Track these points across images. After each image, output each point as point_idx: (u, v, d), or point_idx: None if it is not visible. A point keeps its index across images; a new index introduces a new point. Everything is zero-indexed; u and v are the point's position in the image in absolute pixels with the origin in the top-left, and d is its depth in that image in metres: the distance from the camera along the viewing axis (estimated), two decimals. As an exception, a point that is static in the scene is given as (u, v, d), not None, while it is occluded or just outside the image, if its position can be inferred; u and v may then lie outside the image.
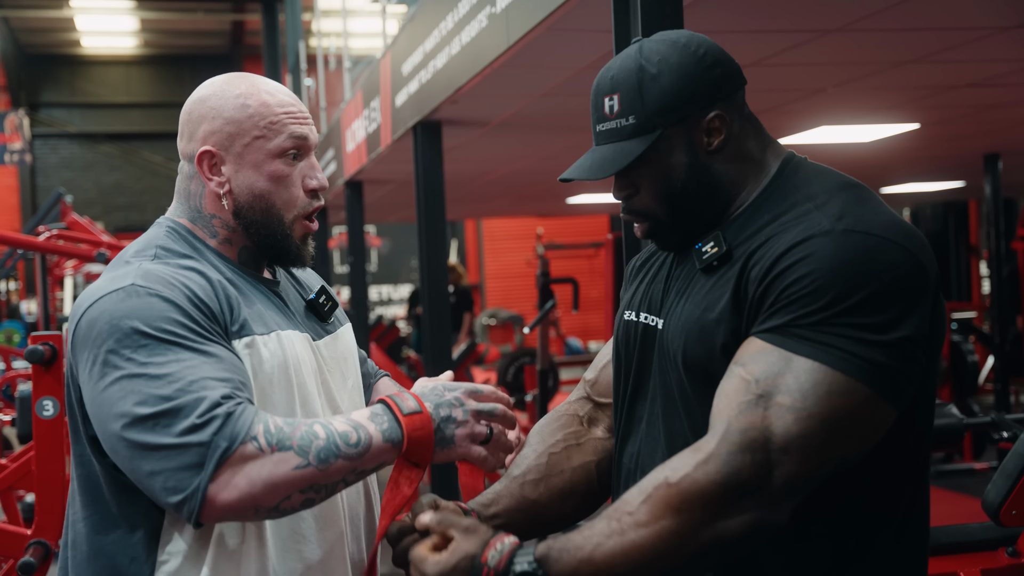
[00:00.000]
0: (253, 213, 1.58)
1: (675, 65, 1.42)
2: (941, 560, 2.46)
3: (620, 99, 1.44)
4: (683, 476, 1.25)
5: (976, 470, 7.08)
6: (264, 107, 1.58)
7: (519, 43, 3.38)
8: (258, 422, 1.35)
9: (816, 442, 1.24)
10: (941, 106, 5.35)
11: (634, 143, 1.43)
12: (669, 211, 1.46)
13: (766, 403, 1.25)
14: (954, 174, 9.02)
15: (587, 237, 18.09)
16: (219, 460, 1.31)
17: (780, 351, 1.27)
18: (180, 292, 1.44)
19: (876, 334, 1.26)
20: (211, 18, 17.14)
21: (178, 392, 1.34)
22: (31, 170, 18.22)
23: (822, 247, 1.29)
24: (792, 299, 1.29)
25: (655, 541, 1.24)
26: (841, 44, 3.78)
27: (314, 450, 1.35)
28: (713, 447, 1.26)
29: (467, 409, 1.45)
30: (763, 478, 1.24)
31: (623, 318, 1.60)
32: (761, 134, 1.49)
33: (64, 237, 6.46)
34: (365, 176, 7.13)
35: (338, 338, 1.73)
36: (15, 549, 2.98)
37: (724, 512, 1.24)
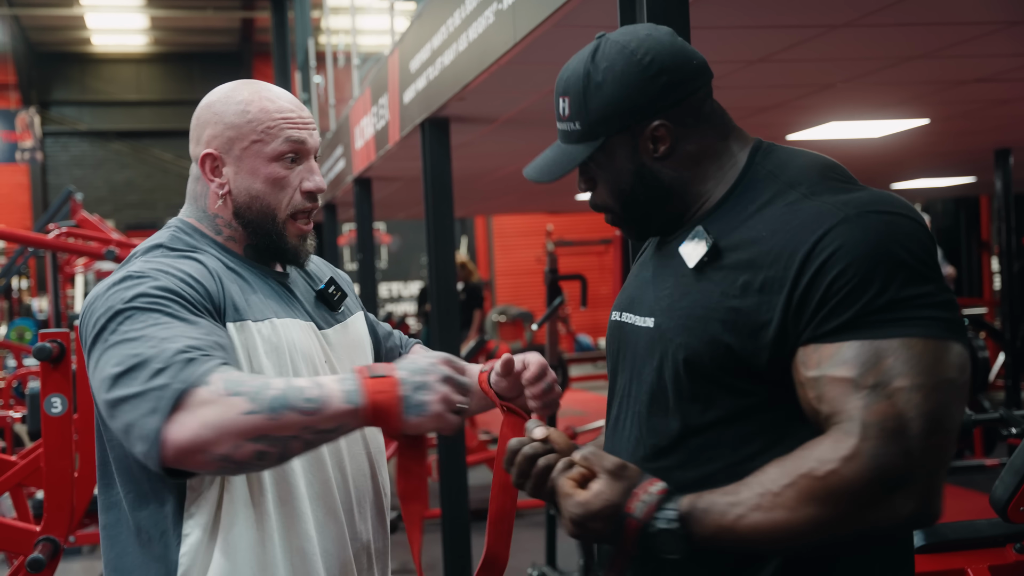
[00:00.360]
0: (250, 214, 1.66)
1: (619, 74, 1.42)
2: (949, 556, 2.46)
3: (569, 103, 1.46)
4: (829, 472, 1.23)
5: (986, 466, 7.07)
6: (263, 112, 1.64)
7: (526, 39, 3.37)
8: (218, 369, 1.37)
9: (948, 411, 1.25)
10: (951, 101, 5.33)
11: (580, 148, 1.46)
12: (622, 209, 1.50)
13: (884, 392, 1.24)
14: (965, 169, 8.98)
15: (597, 234, 18.08)
16: (173, 401, 1.33)
17: (862, 343, 1.26)
18: (173, 277, 1.51)
19: (933, 296, 1.28)
20: (221, 16, 17.19)
21: (149, 348, 1.38)
22: (42, 168, 18.29)
23: (848, 235, 1.29)
24: (843, 294, 1.28)
25: (801, 526, 1.25)
26: (850, 39, 3.76)
27: (266, 398, 1.35)
28: (856, 443, 1.23)
29: (443, 375, 1.43)
30: (912, 468, 1.23)
31: (610, 318, 1.62)
32: (723, 128, 1.48)
33: (74, 235, 6.48)
34: (374, 173, 7.14)
35: (348, 327, 1.79)
36: (24, 545, 3.00)
37: (873, 507, 1.23)
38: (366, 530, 1.71)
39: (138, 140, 19.00)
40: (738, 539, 1.27)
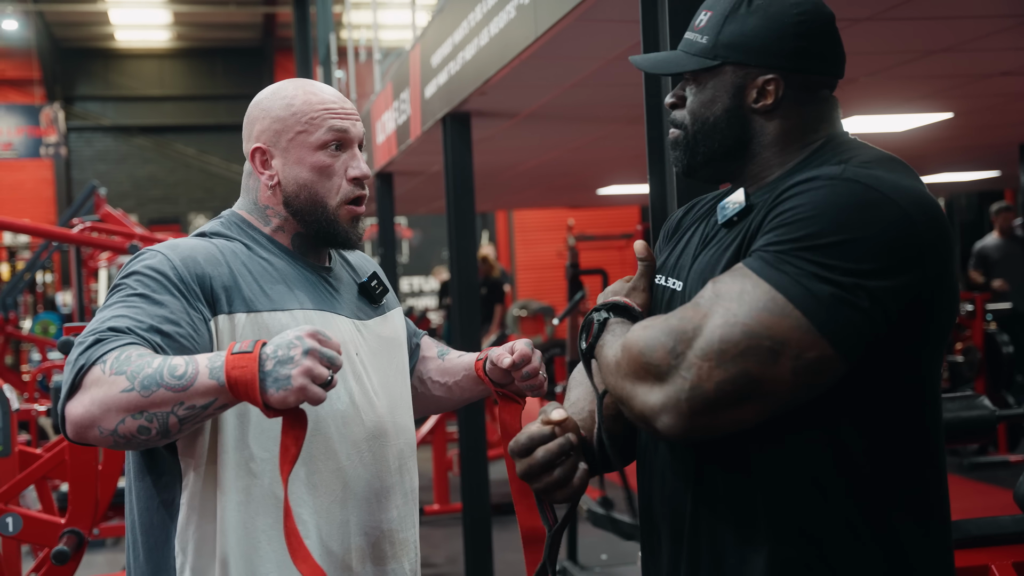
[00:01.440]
0: (300, 202, 1.73)
1: (770, 15, 1.42)
2: (972, 552, 2.44)
3: (709, 18, 1.47)
4: (634, 330, 1.36)
5: (1011, 462, 7.02)
6: (306, 104, 1.72)
7: (547, 34, 3.37)
8: (116, 350, 1.45)
9: (734, 350, 1.25)
10: (975, 95, 5.29)
11: (695, 60, 1.47)
12: (695, 134, 1.49)
13: (711, 306, 1.29)
14: (989, 163, 8.91)
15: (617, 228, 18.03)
16: (74, 379, 1.45)
17: (743, 270, 1.30)
18: (180, 254, 1.62)
19: (834, 274, 1.25)
20: (243, 11, 17.24)
21: (98, 323, 1.50)
22: (66, 163, 18.41)
23: (819, 187, 1.30)
24: (772, 227, 1.32)
25: (611, 362, 1.39)
26: (872, 33, 3.74)
27: (141, 377, 1.42)
28: (658, 322, 1.34)
29: (307, 348, 1.40)
30: (671, 371, 1.28)
31: (654, 282, 1.61)
32: (823, 119, 1.47)
33: (98, 229, 6.53)
34: (395, 168, 7.15)
35: (387, 320, 1.86)
36: (49, 537, 3.03)
37: (636, 379, 1.33)
38: (388, 519, 1.75)
39: (161, 135, 19.10)
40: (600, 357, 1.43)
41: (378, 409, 1.75)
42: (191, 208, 19.04)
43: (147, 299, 1.55)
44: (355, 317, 1.77)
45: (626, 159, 7.43)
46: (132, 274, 1.60)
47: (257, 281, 1.66)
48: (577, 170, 8.13)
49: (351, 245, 1.78)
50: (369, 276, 1.85)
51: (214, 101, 18.60)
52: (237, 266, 1.66)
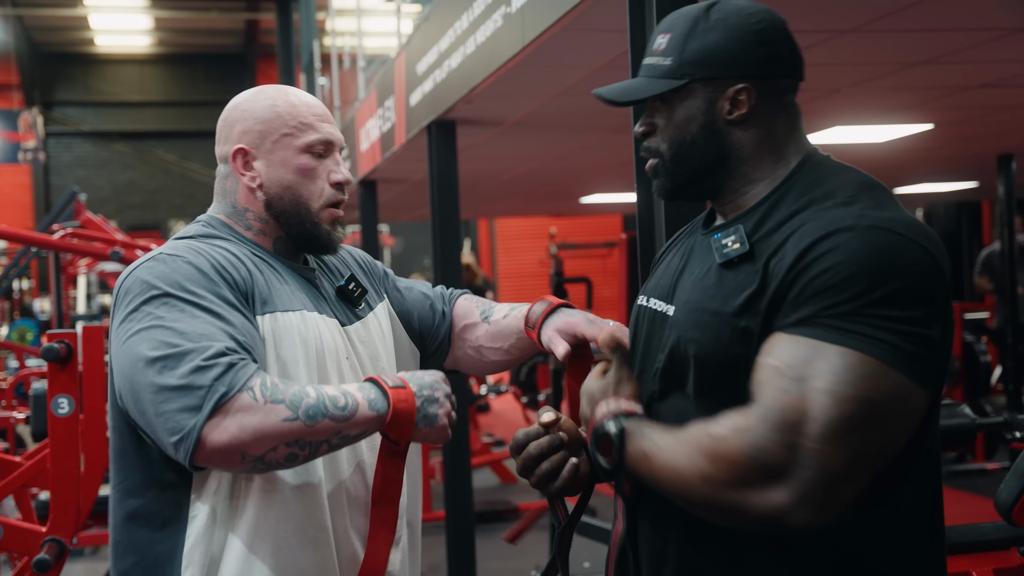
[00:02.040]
0: (283, 204, 1.72)
1: (730, 27, 1.45)
2: (953, 559, 2.46)
3: (669, 39, 1.48)
4: (721, 436, 1.30)
5: (988, 470, 7.07)
6: (292, 107, 1.73)
7: (534, 43, 3.38)
8: (256, 375, 1.47)
9: (855, 425, 1.24)
10: (955, 107, 5.33)
11: (662, 82, 1.47)
12: (672, 157, 1.50)
13: (801, 387, 1.26)
14: (968, 174, 8.99)
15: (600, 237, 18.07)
16: (216, 404, 1.42)
17: (809, 341, 1.28)
18: (206, 260, 1.59)
19: (904, 325, 1.27)
20: (225, 17, 17.21)
21: (187, 340, 1.47)
22: (44, 168, 18.31)
23: (846, 241, 1.30)
24: (817, 291, 1.29)
25: (688, 476, 1.32)
26: (856, 45, 3.77)
27: (304, 406, 1.47)
28: (752, 420, 1.28)
29: (447, 392, 1.59)
30: (792, 466, 1.24)
31: (636, 303, 1.65)
32: (793, 128, 1.49)
33: (78, 235, 6.49)
34: (379, 175, 7.15)
35: (368, 323, 1.84)
36: (30, 546, 3.00)
37: (747, 484, 1.26)
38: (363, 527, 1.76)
39: (141, 141, 19.02)
40: (650, 471, 1.37)
41: None
42: (171, 215, 18.96)
43: (214, 312, 1.52)
44: (340, 320, 1.78)
45: (609, 168, 7.45)
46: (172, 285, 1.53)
47: (267, 281, 1.67)
48: (560, 178, 8.15)
49: (332, 248, 1.78)
50: (347, 279, 1.84)
51: (195, 107, 18.55)
52: (247, 266, 1.66)
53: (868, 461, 1.26)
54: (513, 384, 8.68)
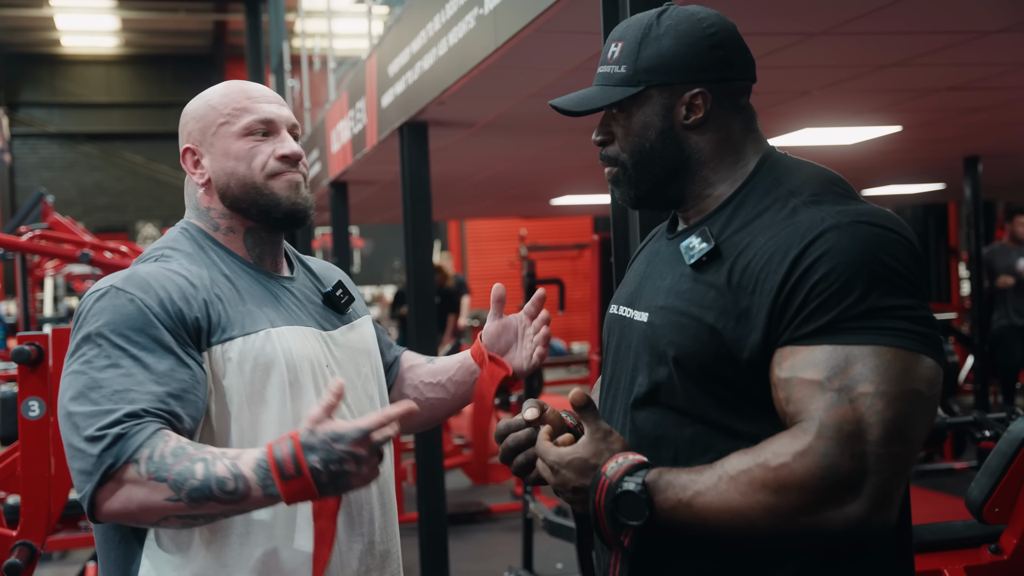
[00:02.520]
0: (232, 191, 1.71)
1: (681, 33, 1.46)
2: (925, 557, 2.49)
3: (622, 48, 1.50)
4: (781, 464, 1.27)
5: (956, 470, 7.14)
6: (225, 98, 1.73)
7: (507, 44, 3.38)
8: (145, 447, 1.46)
9: (910, 421, 1.27)
10: (923, 109, 5.39)
11: (617, 90, 1.49)
12: (633, 165, 1.52)
13: (848, 395, 1.27)
14: (935, 176, 9.09)
15: (570, 238, 18.10)
16: (103, 474, 1.46)
17: (835, 348, 1.29)
18: (155, 295, 1.57)
19: (912, 311, 1.31)
20: (193, 18, 17.09)
21: (101, 397, 1.49)
22: (10, 170, 18.11)
23: (836, 241, 1.32)
24: (824, 298, 1.31)
25: (748, 512, 1.29)
26: (826, 47, 3.81)
27: (187, 488, 1.44)
28: (811, 440, 1.26)
29: (360, 457, 1.41)
30: (863, 474, 1.25)
31: (608, 311, 1.66)
32: (750, 128, 1.52)
33: (46, 237, 6.43)
34: (350, 177, 7.13)
35: (355, 328, 1.83)
36: (0, 550, 2.97)
37: (823, 505, 1.26)
38: (370, 532, 1.73)
39: (108, 143, 18.86)
40: (694, 516, 1.31)
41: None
42: (139, 216, 18.81)
43: (140, 361, 1.52)
44: (320, 327, 1.75)
45: (580, 170, 7.47)
46: (109, 327, 1.54)
47: (226, 306, 1.63)
48: (531, 180, 8.16)
49: (298, 214, 1.72)
50: (334, 285, 1.82)
51: (163, 108, 18.41)
52: (206, 294, 1.62)
53: (920, 447, 1.30)
54: (485, 386, 8.66)
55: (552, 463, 1.40)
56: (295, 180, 1.72)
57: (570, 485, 1.38)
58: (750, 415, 1.38)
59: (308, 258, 1.91)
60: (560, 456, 1.39)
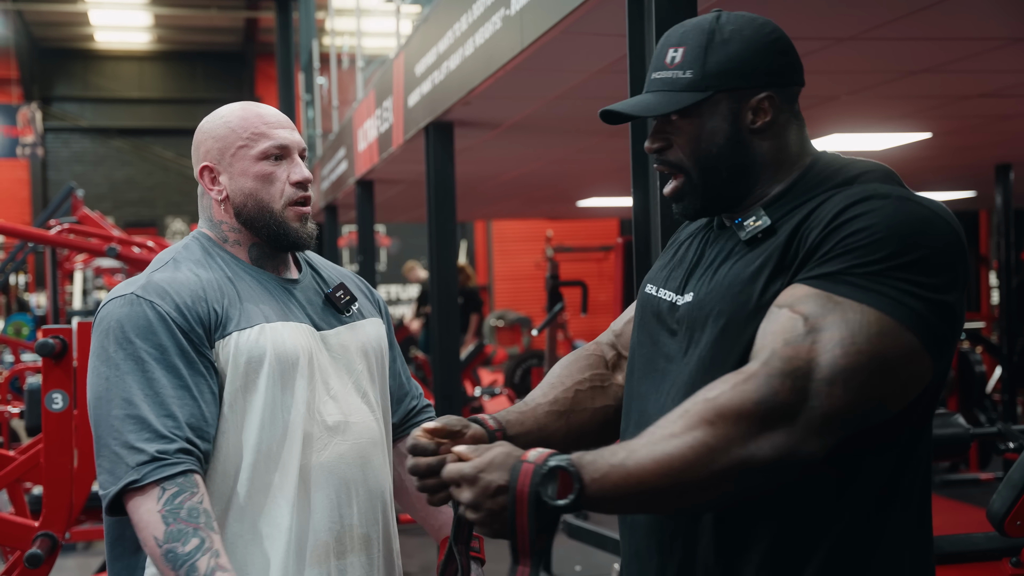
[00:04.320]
0: (248, 211, 1.84)
1: (747, 38, 1.46)
2: (945, 569, 2.47)
3: (685, 52, 1.47)
4: (719, 393, 1.28)
5: (981, 480, 7.07)
6: (244, 121, 1.85)
7: (533, 46, 3.39)
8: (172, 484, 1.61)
9: (861, 377, 1.27)
10: (954, 116, 5.34)
11: (685, 96, 1.46)
12: (700, 172, 1.49)
13: (814, 337, 1.28)
14: (965, 184, 9.00)
15: (596, 240, 18.07)
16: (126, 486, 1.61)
17: (830, 295, 1.31)
18: (172, 301, 1.72)
19: (926, 291, 1.30)
20: (225, 15, 17.19)
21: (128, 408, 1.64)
22: (42, 164, 18.27)
23: (880, 207, 1.33)
24: (847, 249, 1.32)
25: (685, 451, 1.26)
26: (856, 52, 3.78)
27: (171, 548, 1.59)
28: (754, 369, 1.28)
29: None
30: (800, 404, 1.26)
31: (643, 290, 1.63)
32: (802, 134, 1.52)
33: (75, 231, 6.48)
34: (376, 175, 7.15)
35: (356, 328, 1.91)
36: (23, 541, 3.00)
37: (756, 431, 1.26)
38: (349, 515, 1.80)
39: (139, 138, 18.99)
40: (628, 475, 1.26)
41: (334, 410, 1.82)
42: (168, 211, 18.94)
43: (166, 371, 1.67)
44: (315, 326, 1.85)
45: (606, 172, 7.46)
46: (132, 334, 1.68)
47: (230, 303, 1.77)
48: (557, 182, 8.15)
49: (302, 244, 1.86)
50: (335, 287, 1.92)
51: (194, 105, 18.51)
52: (214, 294, 1.76)
53: (871, 411, 1.30)
54: (507, 387, 8.68)
55: (472, 469, 1.30)
56: (305, 214, 1.86)
57: (492, 486, 1.28)
58: None
59: (320, 261, 2.02)
60: (480, 460, 1.30)
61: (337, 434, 1.80)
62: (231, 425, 1.73)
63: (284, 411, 1.75)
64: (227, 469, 1.72)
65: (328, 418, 1.79)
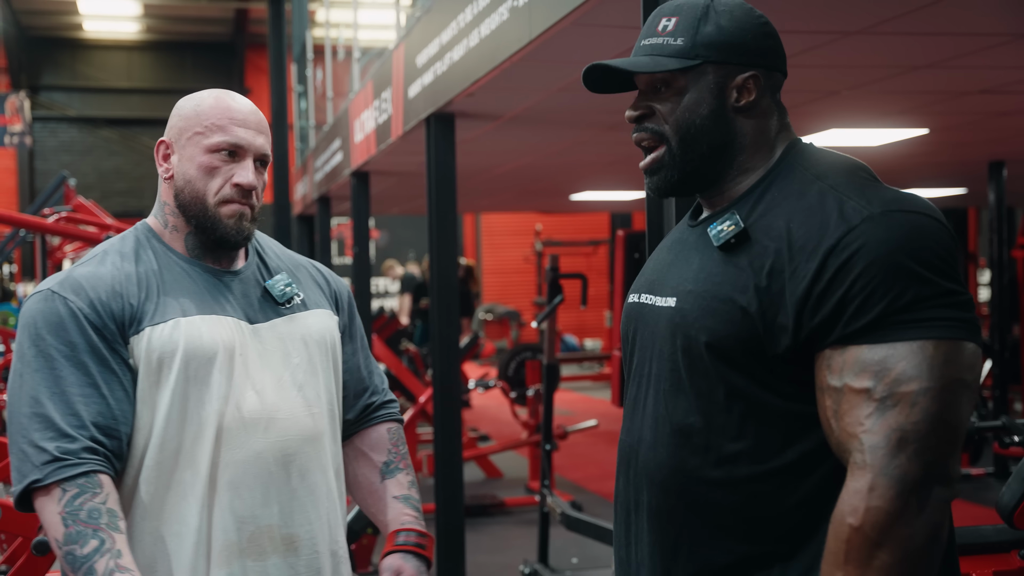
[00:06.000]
0: (183, 197, 1.80)
1: (739, 18, 1.50)
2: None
3: (677, 22, 1.50)
4: (864, 513, 1.29)
5: (973, 476, 7.11)
6: (211, 109, 1.80)
7: (541, 37, 3.37)
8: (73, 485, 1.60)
9: (952, 407, 1.31)
10: (952, 112, 5.37)
11: (674, 61, 1.48)
12: (679, 142, 1.51)
13: (894, 401, 1.30)
14: (957, 181, 9.04)
15: (585, 235, 18.09)
16: (29, 484, 1.61)
17: (882, 347, 1.32)
18: (86, 297, 1.70)
19: (952, 297, 1.33)
20: (215, 5, 17.12)
21: (36, 408, 1.64)
22: (30, 153, 18.17)
23: (871, 233, 1.33)
24: (866, 294, 1.33)
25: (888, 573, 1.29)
26: (860, 47, 3.78)
27: (71, 550, 1.59)
28: (869, 473, 1.29)
29: None
30: (924, 466, 1.29)
31: (626, 301, 1.65)
32: (783, 121, 1.54)
33: (71, 220, 6.45)
34: (372, 167, 7.13)
35: (295, 320, 1.86)
36: (29, 528, 2.98)
37: (917, 515, 1.29)
38: (268, 515, 1.76)
39: (128, 128, 18.90)
40: None
41: (255, 406, 1.77)
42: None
43: (70, 373, 1.66)
44: (247, 319, 1.81)
45: (602, 165, 7.46)
46: (44, 331, 1.68)
47: (147, 298, 1.75)
48: (553, 174, 8.15)
49: (232, 242, 1.81)
50: (275, 279, 1.87)
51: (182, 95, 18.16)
52: (132, 288, 1.74)
53: (967, 424, 1.34)
54: (501, 379, 8.69)
55: None
56: (241, 212, 1.80)
57: None
58: (786, 393, 1.40)
59: (274, 251, 1.96)
60: None
61: (257, 431, 1.76)
62: (145, 422, 1.71)
63: (197, 407, 1.72)
64: (138, 465, 1.71)
65: (248, 414, 1.75)
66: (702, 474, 1.43)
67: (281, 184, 11.77)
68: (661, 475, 1.48)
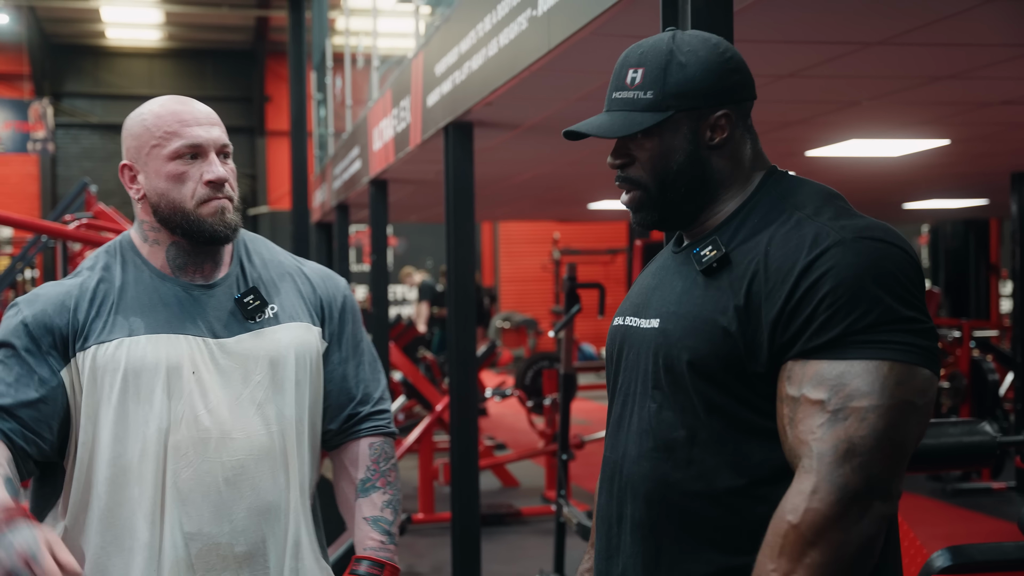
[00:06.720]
0: (162, 211, 1.83)
1: (702, 59, 1.52)
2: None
3: (644, 73, 1.53)
4: (803, 513, 1.35)
5: (994, 490, 7.05)
6: (158, 119, 1.82)
7: (560, 47, 3.37)
8: None
9: (901, 427, 1.36)
10: (974, 123, 5.33)
11: (646, 116, 1.52)
12: (659, 188, 1.55)
13: (845, 415, 1.36)
14: (979, 192, 8.98)
15: (603, 243, 18.07)
16: None
17: (840, 363, 1.37)
18: (36, 308, 1.78)
19: (913, 324, 1.39)
20: (235, 13, 17.22)
21: None
22: (52, 159, 18.30)
23: (840, 257, 1.39)
24: (831, 312, 1.38)
25: (816, 572, 1.34)
26: (882, 57, 3.76)
27: None
28: (814, 477, 1.35)
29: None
30: (867, 480, 1.34)
31: (612, 323, 1.70)
32: (756, 147, 1.59)
33: (92, 227, 6.48)
34: (391, 175, 7.14)
35: (263, 335, 1.85)
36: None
37: (854, 523, 1.34)
38: (219, 533, 1.78)
39: (148, 135, 19.01)
40: None
41: (206, 424, 1.78)
42: (176, 209, 18.96)
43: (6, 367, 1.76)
44: (212, 334, 1.82)
45: (620, 174, 7.44)
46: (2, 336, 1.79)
47: (98, 315, 1.79)
48: (571, 183, 8.14)
49: (219, 238, 1.82)
50: (244, 292, 1.86)
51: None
52: (84, 305, 1.79)
53: (912, 448, 1.39)
54: (518, 388, 8.67)
55: None
56: (221, 206, 1.82)
57: None
58: (763, 410, 1.45)
59: (262, 258, 1.94)
60: None
61: (208, 449, 1.77)
62: (90, 437, 1.76)
63: (141, 426, 1.76)
64: (88, 480, 1.77)
65: (200, 433, 1.77)
66: (684, 487, 1.48)
67: (300, 191, 11.81)
68: (644, 487, 1.52)
